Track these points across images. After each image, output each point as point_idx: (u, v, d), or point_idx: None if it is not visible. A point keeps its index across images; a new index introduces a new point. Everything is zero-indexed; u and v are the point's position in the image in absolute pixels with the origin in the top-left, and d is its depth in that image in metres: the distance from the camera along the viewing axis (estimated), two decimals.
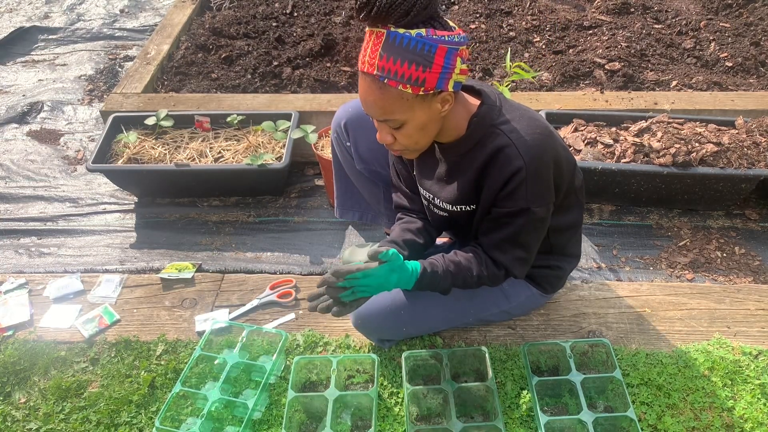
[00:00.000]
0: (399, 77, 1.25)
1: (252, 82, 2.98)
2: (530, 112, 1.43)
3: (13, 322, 1.94)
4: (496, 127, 1.37)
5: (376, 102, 1.30)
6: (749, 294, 1.94)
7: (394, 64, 1.23)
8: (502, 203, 1.40)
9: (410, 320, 1.66)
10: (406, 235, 1.63)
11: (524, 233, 1.45)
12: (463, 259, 1.50)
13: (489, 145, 1.38)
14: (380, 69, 1.25)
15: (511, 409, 1.63)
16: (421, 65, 1.23)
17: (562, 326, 1.85)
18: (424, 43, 1.22)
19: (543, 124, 1.41)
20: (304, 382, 1.72)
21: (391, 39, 1.22)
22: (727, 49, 3.06)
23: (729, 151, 2.19)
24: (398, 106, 1.30)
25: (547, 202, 1.42)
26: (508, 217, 1.42)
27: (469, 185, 1.45)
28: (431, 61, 1.24)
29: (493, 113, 1.39)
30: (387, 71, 1.25)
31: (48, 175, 2.74)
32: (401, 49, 1.22)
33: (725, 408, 1.62)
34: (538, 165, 1.36)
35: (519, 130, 1.36)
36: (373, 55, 1.25)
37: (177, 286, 2.05)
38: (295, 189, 2.58)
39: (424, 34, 1.22)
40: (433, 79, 1.26)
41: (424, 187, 1.59)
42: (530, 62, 3.07)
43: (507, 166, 1.35)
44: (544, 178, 1.39)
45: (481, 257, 1.50)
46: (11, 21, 4.02)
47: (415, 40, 1.22)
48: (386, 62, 1.24)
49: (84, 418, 1.67)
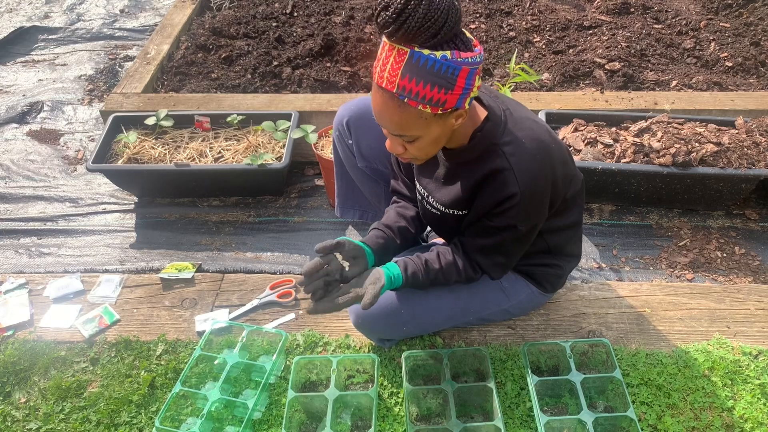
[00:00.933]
0: (420, 98, 1.23)
1: (252, 82, 2.98)
2: (536, 131, 1.41)
3: (13, 322, 1.94)
4: (498, 147, 1.37)
5: (392, 118, 1.29)
6: (749, 294, 1.94)
7: (416, 85, 1.21)
8: (491, 218, 1.43)
9: (410, 319, 1.66)
10: (401, 222, 1.67)
11: (507, 244, 1.50)
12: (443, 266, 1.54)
13: (488, 163, 1.38)
14: (401, 88, 1.23)
15: (511, 409, 1.63)
16: (443, 87, 1.22)
17: (562, 326, 1.85)
18: (449, 66, 1.20)
19: (546, 146, 1.40)
20: (304, 382, 1.72)
21: (414, 59, 1.19)
22: (727, 49, 3.06)
23: (729, 151, 2.19)
24: (415, 124, 1.29)
25: (535, 222, 1.46)
26: (495, 230, 1.45)
27: (464, 194, 1.46)
28: (454, 84, 1.22)
29: (496, 131, 1.38)
30: (408, 91, 1.23)
31: (48, 175, 2.74)
32: (425, 71, 1.20)
33: (725, 408, 1.62)
34: (533, 192, 1.37)
35: (520, 155, 1.36)
36: (393, 73, 1.22)
37: (177, 286, 2.05)
38: (295, 189, 2.58)
39: (449, 57, 1.19)
40: (454, 100, 1.25)
41: (421, 184, 1.60)
42: (530, 62, 3.07)
43: (502, 189, 1.37)
44: (537, 202, 1.41)
45: (459, 264, 1.54)
46: (11, 21, 4.02)
47: (440, 62, 1.19)
48: (408, 82, 1.21)
49: (84, 418, 1.67)
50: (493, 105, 1.41)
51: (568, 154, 1.52)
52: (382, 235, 1.63)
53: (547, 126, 1.48)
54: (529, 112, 1.47)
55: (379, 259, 1.60)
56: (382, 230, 1.64)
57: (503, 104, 1.43)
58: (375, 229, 1.66)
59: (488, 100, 1.42)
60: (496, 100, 1.44)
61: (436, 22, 1.15)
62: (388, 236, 1.63)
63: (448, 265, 1.54)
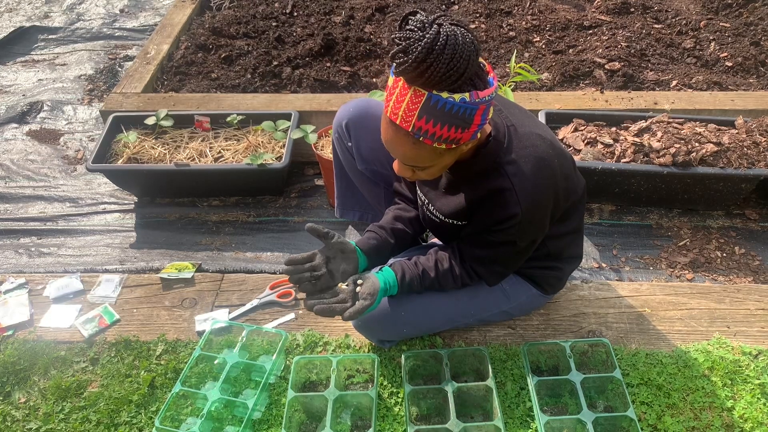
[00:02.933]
0: (437, 138, 1.22)
1: (252, 82, 2.98)
2: (539, 148, 1.39)
3: (13, 322, 1.94)
4: (501, 167, 1.36)
5: (405, 153, 1.29)
6: (749, 294, 1.94)
7: (433, 126, 1.19)
8: (491, 233, 1.43)
9: (411, 321, 1.66)
10: (396, 224, 1.69)
11: (506, 257, 1.51)
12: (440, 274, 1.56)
13: (491, 181, 1.38)
14: (416, 128, 1.21)
15: (511, 409, 1.63)
16: (461, 127, 1.21)
17: (562, 326, 1.85)
18: (467, 108, 1.18)
19: (549, 164, 1.38)
20: (304, 381, 1.72)
21: (432, 102, 1.16)
22: (727, 49, 3.06)
23: (729, 150, 2.19)
24: (428, 157, 1.29)
25: (534, 238, 1.47)
26: (494, 244, 1.46)
27: (464, 207, 1.46)
28: (471, 123, 1.21)
29: (500, 149, 1.37)
30: (424, 132, 1.21)
31: (48, 174, 2.74)
32: (443, 113, 1.18)
33: (725, 408, 1.62)
34: (534, 212, 1.37)
35: (522, 175, 1.35)
36: (409, 113, 1.19)
37: (177, 286, 2.05)
38: (295, 189, 2.58)
39: (468, 99, 1.16)
40: (468, 136, 1.24)
41: (422, 192, 1.60)
42: (530, 62, 3.07)
43: (504, 209, 1.36)
44: (537, 221, 1.41)
45: (456, 271, 1.56)
46: (11, 21, 4.02)
47: (458, 105, 1.17)
48: (425, 124, 1.19)
49: (84, 418, 1.67)
50: (498, 122, 1.40)
51: (571, 164, 1.51)
52: (374, 236, 1.65)
53: (552, 138, 1.46)
54: (534, 125, 1.45)
55: (373, 259, 1.63)
56: (376, 231, 1.67)
57: (508, 120, 1.41)
58: (369, 230, 1.69)
59: (494, 116, 1.41)
60: (501, 114, 1.42)
61: (459, 69, 1.12)
62: (381, 237, 1.66)
63: (445, 273, 1.56)
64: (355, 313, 1.46)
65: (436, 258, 1.58)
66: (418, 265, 1.57)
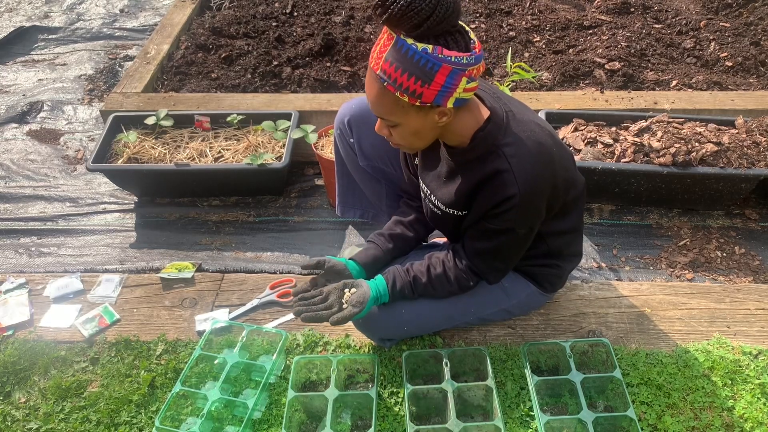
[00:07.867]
0: (397, 85, 1.25)
1: (252, 82, 2.98)
2: (538, 134, 1.41)
3: (13, 322, 1.94)
4: (499, 148, 1.37)
5: (374, 99, 1.33)
6: (749, 294, 1.94)
7: (395, 71, 1.24)
8: (489, 220, 1.44)
9: (411, 319, 1.66)
10: (395, 229, 1.74)
11: (505, 248, 1.51)
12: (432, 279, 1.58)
13: (489, 164, 1.39)
14: (382, 71, 1.26)
15: (511, 408, 1.63)
16: (420, 80, 1.23)
17: (562, 326, 1.85)
18: (428, 59, 1.21)
19: (547, 149, 1.40)
20: (304, 381, 1.72)
21: (398, 46, 1.22)
22: (727, 49, 3.06)
23: (729, 150, 2.19)
24: (394, 110, 1.32)
25: (532, 225, 1.47)
26: (493, 233, 1.46)
27: (464, 194, 1.47)
28: (431, 79, 1.23)
29: (498, 132, 1.38)
30: (388, 76, 1.26)
31: (48, 174, 2.74)
32: (405, 59, 1.22)
33: (725, 408, 1.62)
34: (532, 194, 1.38)
35: (521, 156, 1.36)
36: (380, 56, 1.26)
37: (177, 286, 2.05)
38: (295, 189, 2.58)
39: (430, 51, 1.21)
40: (431, 95, 1.26)
41: (424, 181, 1.61)
42: (530, 62, 3.07)
43: (502, 190, 1.37)
44: (535, 205, 1.42)
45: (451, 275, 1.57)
46: (11, 21, 4.02)
47: (419, 54, 1.21)
48: (389, 67, 1.25)
49: (84, 418, 1.67)
50: (496, 106, 1.41)
51: (570, 158, 1.52)
52: (372, 246, 1.72)
53: (551, 130, 1.48)
54: (533, 116, 1.47)
55: (372, 268, 1.68)
56: (374, 241, 1.73)
57: (506, 106, 1.43)
58: (368, 240, 1.75)
59: (491, 101, 1.43)
60: (499, 101, 1.44)
61: (420, 12, 1.16)
62: (378, 245, 1.72)
63: (437, 278, 1.58)
64: (342, 319, 1.48)
65: (428, 264, 1.60)
66: (409, 272, 1.60)
